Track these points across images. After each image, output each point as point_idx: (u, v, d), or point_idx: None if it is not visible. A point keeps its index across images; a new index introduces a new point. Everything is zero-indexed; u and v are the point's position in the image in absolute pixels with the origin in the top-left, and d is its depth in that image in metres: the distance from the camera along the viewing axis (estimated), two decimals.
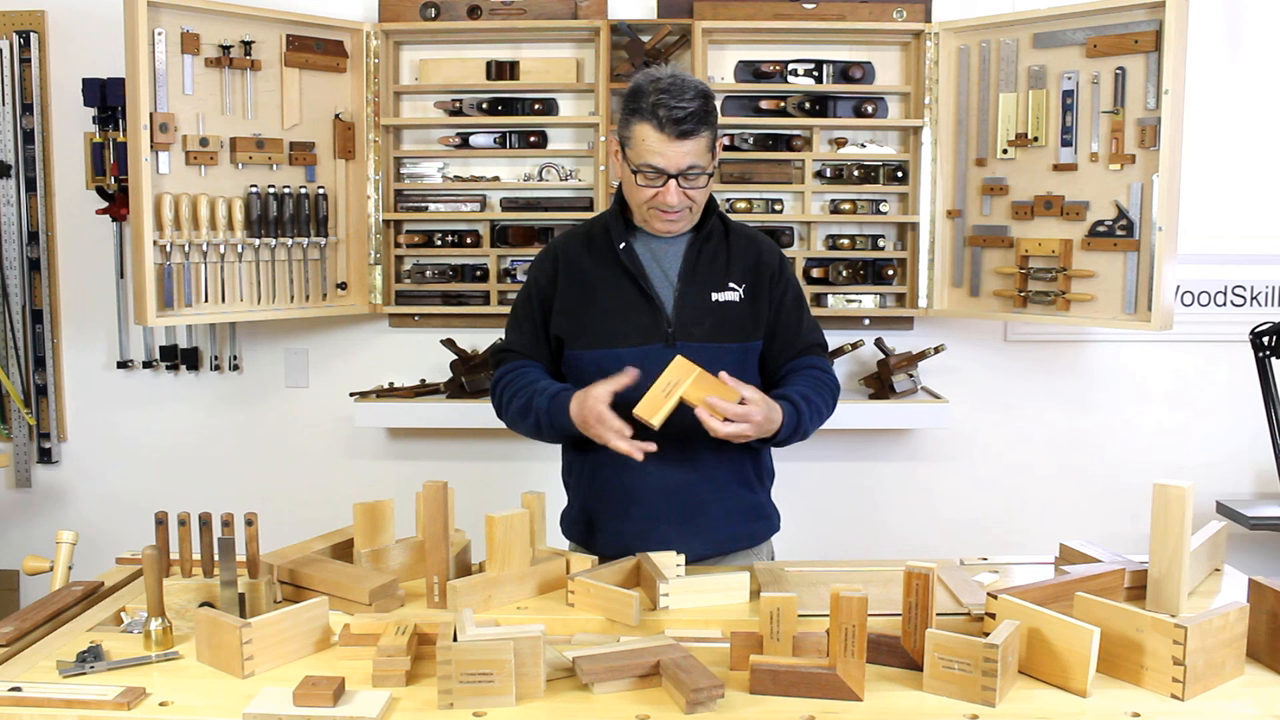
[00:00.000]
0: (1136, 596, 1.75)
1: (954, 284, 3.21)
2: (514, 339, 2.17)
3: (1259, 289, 3.36)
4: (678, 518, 2.05)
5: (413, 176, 3.35)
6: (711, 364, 1.95)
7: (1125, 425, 3.39)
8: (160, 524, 1.74)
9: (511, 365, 2.13)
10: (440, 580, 1.78)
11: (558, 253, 2.14)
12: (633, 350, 2.03)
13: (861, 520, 3.42)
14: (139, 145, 2.82)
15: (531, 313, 2.14)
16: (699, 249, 2.08)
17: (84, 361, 3.42)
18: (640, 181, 1.98)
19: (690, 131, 1.92)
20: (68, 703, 1.44)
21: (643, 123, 1.93)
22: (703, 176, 1.98)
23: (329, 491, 3.32)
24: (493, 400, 2.16)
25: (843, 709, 1.42)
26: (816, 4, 3.22)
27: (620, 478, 2.05)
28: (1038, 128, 3.00)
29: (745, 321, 2.08)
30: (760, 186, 3.25)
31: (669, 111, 1.90)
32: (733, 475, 2.11)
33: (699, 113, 1.93)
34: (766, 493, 2.22)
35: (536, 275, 2.15)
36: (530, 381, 2.06)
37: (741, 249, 2.11)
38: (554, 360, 2.14)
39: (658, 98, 1.91)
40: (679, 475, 2.04)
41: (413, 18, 3.23)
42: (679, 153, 1.93)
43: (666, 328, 2.04)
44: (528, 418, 2.04)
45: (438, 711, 1.42)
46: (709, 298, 2.06)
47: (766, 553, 2.22)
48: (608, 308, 2.06)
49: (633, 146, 1.97)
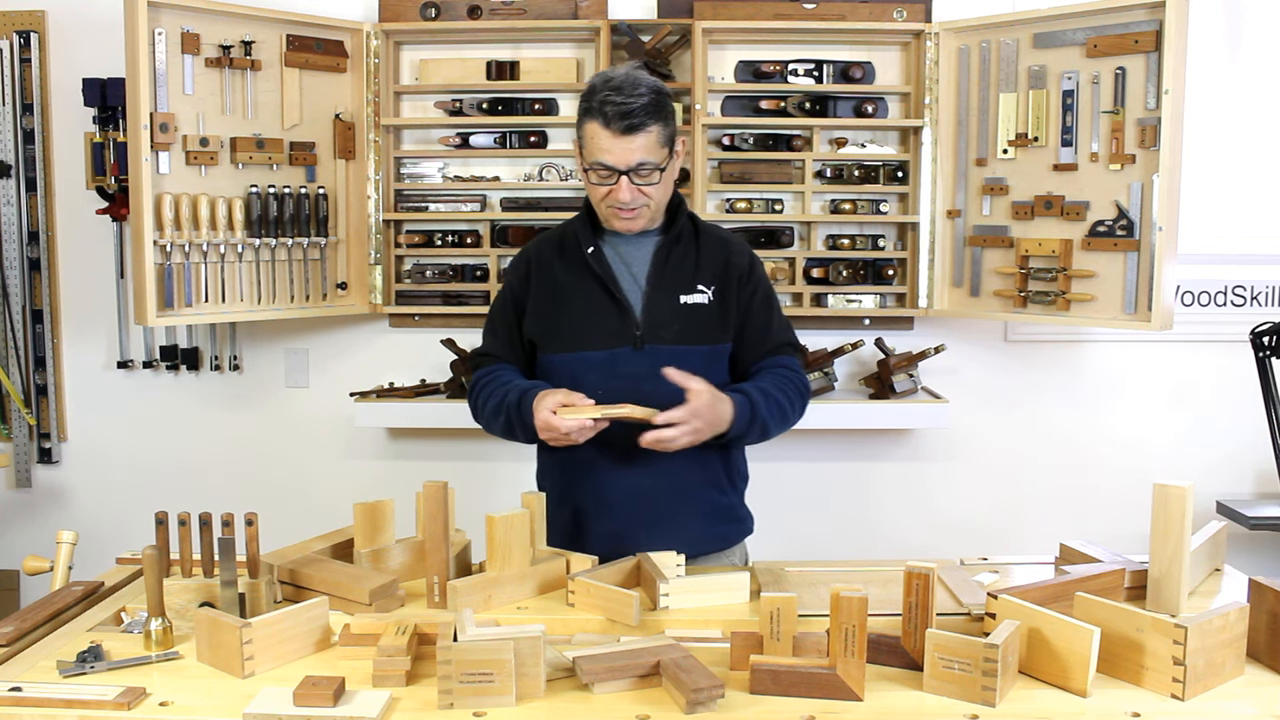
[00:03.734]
0: (1136, 596, 1.75)
1: (954, 284, 3.21)
2: (490, 343, 2.18)
3: (1259, 289, 3.36)
4: (648, 521, 2.06)
5: (413, 176, 3.35)
6: (680, 366, 1.96)
7: (1125, 425, 3.39)
8: (160, 524, 1.74)
9: (488, 369, 2.14)
10: (440, 580, 1.78)
11: (530, 256, 2.16)
12: (601, 353, 2.04)
13: (862, 520, 3.42)
14: (139, 145, 2.82)
15: (506, 317, 2.15)
16: (667, 251, 2.08)
17: (84, 361, 3.42)
18: (593, 179, 1.99)
19: (637, 126, 1.92)
20: (68, 703, 1.44)
21: (591, 121, 1.95)
22: (656, 172, 1.98)
23: (329, 491, 3.32)
24: (470, 404, 2.16)
25: (843, 709, 1.42)
26: (816, 4, 3.22)
27: (590, 482, 2.07)
28: (1038, 128, 3.00)
29: (714, 323, 2.08)
30: (760, 186, 3.25)
31: (615, 107, 1.91)
32: (703, 478, 2.11)
33: (647, 107, 1.92)
34: (739, 495, 2.22)
35: (511, 279, 2.17)
36: (504, 382, 2.07)
37: (711, 251, 2.11)
38: (529, 363, 2.15)
39: (605, 94, 1.92)
40: (648, 479, 2.05)
41: (413, 18, 3.23)
42: (627, 149, 1.93)
43: (635, 330, 2.05)
44: (499, 417, 2.04)
45: (438, 711, 1.42)
46: (677, 300, 2.07)
47: (740, 555, 2.22)
48: (577, 311, 2.07)
49: (585, 145, 1.99)
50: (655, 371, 1.96)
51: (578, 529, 2.11)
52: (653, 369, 1.97)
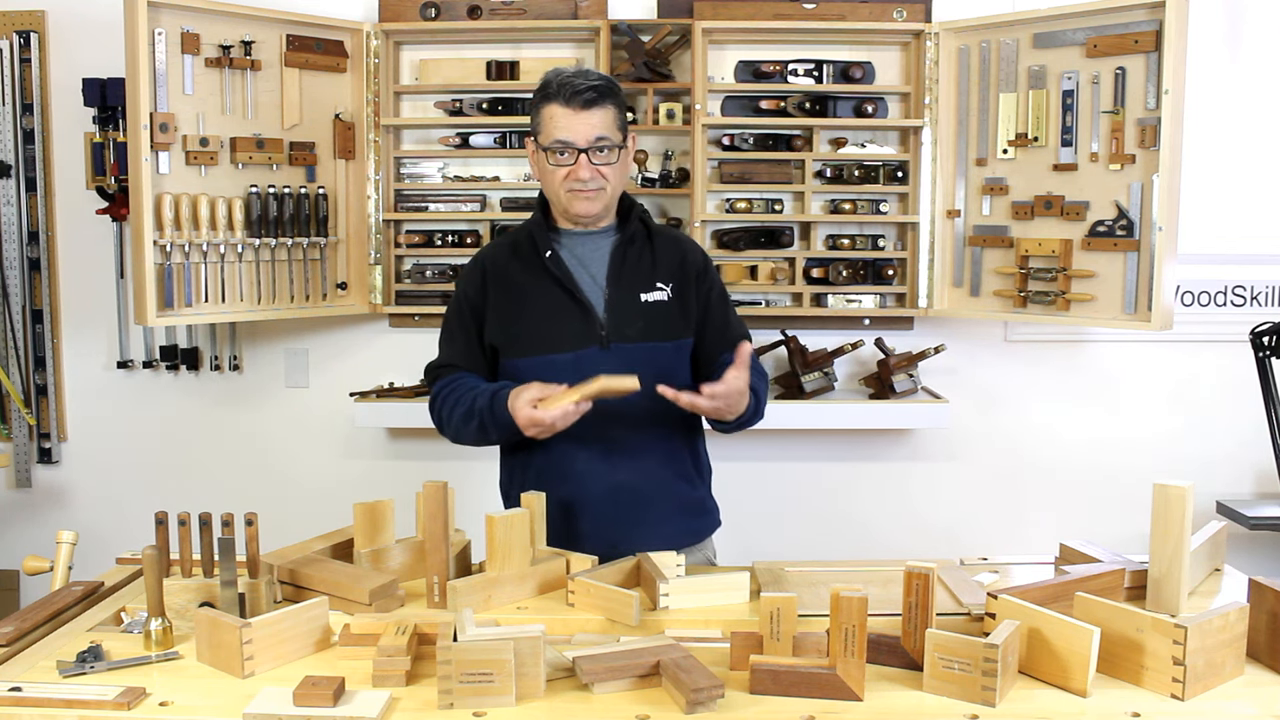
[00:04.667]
0: (1136, 596, 1.75)
1: (954, 284, 3.21)
2: (448, 353, 2.17)
3: (1259, 289, 3.36)
4: (622, 518, 2.07)
5: (413, 176, 3.35)
6: (648, 363, 1.99)
7: (1125, 425, 3.39)
8: (160, 524, 1.74)
9: (447, 380, 2.13)
10: (440, 580, 1.78)
11: (485, 264, 2.16)
12: (568, 355, 2.06)
13: (861, 520, 3.42)
14: (139, 145, 2.82)
15: (465, 325, 2.15)
16: (624, 252, 2.11)
17: (84, 361, 3.42)
18: (551, 162, 2.03)
19: (594, 101, 1.99)
20: (68, 703, 1.44)
21: (549, 104, 2.02)
22: (614, 150, 2.03)
23: (329, 491, 3.31)
24: (433, 416, 2.15)
25: (843, 709, 1.42)
26: (816, 4, 3.22)
27: (568, 484, 2.07)
28: (1038, 128, 3.00)
29: (675, 320, 2.11)
30: (760, 186, 3.25)
31: (572, 88, 1.99)
32: (673, 472, 2.14)
33: (601, 87, 2.01)
34: (707, 488, 2.25)
35: (465, 288, 2.16)
36: (469, 388, 2.07)
37: (665, 250, 2.15)
38: (490, 370, 2.15)
39: (562, 79, 2.01)
40: (620, 476, 2.07)
41: (413, 18, 3.23)
42: (586, 124, 1.99)
43: (600, 330, 2.06)
44: (471, 421, 2.04)
45: (438, 711, 1.42)
46: (638, 298, 2.09)
47: (710, 549, 2.24)
48: (539, 315, 2.08)
49: (543, 130, 2.04)
50: (623, 369, 1.97)
51: (551, 531, 2.09)
52: (620, 367, 1.99)
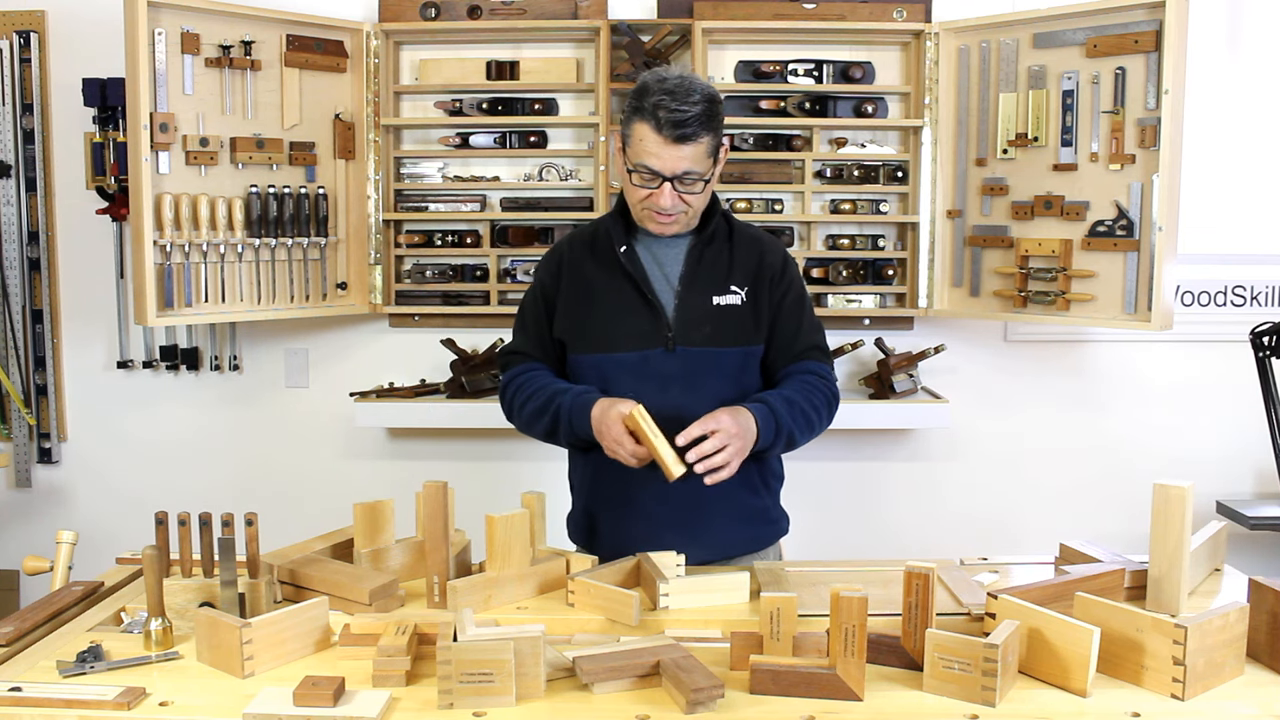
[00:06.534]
0: (1136, 596, 1.75)
1: (954, 284, 3.21)
2: (520, 341, 2.15)
3: (1259, 289, 3.36)
4: (679, 522, 2.02)
5: (413, 176, 3.35)
6: (713, 368, 1.95)
7: (1125, 425, 3.39)
8: (160, 524, 1.74)
9: (521, 368, 2.11)
10: (440, 580, 1.78)
11: (562, 254, 2.12)
12: (631, 355, 2.01)
13: (862, 520, 3.42)
14: (139, 145, 2.82)
15: (537, 315, 2.12)
16: (701, 252, 2.05)
17: (84, 361, 3.42)
18: (635, 181, 1.95)
19: (689, 136, 1.89)
20: (68, 703, 1.44)
21: (642, 122, 1.91)
22: (699, 183, 1.95)
23: (329, 491, 3.32)
24: (502, 403, 2.13)
25: (843, 709, 1.42)
26: (816, 4, 3.22)
27: (622, 481, 2.03)
28: (1038, 128, 3.00)
29: (746, 325, 2.05)
30: (760, 186, 3.25)
31: (669, 114, 1.87)
32: (737, 480, 2.02)
33: (701, 117, 1.89)
34: (774, 496, 2.18)
35: (542, 276, 2.13)
36: (547, 384, 2.04)
37: (744, 251, 2.08)
38: (560, 362, 2.12)
39: (660, 98, 1.88)
40: (681, 481, 2.00)
41: (413, 18, 3.23)
42: (675, 157, 1.90)
43: (666, 332, 2.02)
44: (543, 418, 2.01)
45: (438, 711, 1.42)
46: (710, 301, 2.03)
47: (774, 556, 2.18)
48: (607, 311, 2.04)
49: (631, 145, 1.95)
50: (686, 374, 1.94)
51: (608, 530, 2.09)
52: (684, 371, 1.96)
